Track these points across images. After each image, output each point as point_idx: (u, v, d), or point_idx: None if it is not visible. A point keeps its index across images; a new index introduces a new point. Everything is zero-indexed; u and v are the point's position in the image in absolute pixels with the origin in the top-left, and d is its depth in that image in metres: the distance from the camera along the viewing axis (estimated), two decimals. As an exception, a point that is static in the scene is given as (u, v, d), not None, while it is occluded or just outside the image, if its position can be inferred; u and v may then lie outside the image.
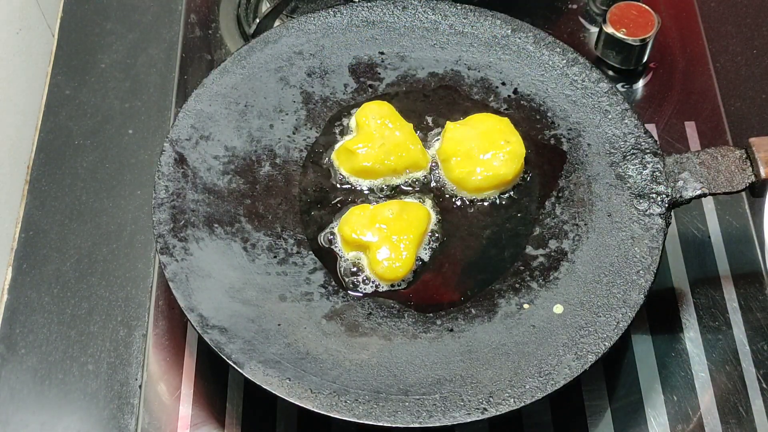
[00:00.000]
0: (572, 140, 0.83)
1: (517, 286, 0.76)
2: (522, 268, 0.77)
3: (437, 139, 0.84)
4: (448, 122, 0.84)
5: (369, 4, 0.88)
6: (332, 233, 0.79)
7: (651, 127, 0.91)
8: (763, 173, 0.75)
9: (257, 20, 0.95)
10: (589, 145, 0.82)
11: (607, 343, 0.70)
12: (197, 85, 0.83)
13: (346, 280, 0.77)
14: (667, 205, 0.76)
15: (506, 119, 0.83)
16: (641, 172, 0.78)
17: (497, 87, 0.86)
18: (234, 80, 0.84)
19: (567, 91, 0.84)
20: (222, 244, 0.77)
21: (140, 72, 0.99)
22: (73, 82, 0.98)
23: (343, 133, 0.85)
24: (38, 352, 0.82)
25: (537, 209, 0.81)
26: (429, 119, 0.86)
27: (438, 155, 0.83)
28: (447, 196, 0.82)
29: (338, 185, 0.82)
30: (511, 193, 0.82)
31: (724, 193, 0.76)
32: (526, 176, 0.83)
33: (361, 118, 0.83)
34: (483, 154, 0.81)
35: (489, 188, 0.81)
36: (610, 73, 0.95)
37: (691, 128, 0.92)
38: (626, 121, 0.81)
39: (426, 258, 0.78)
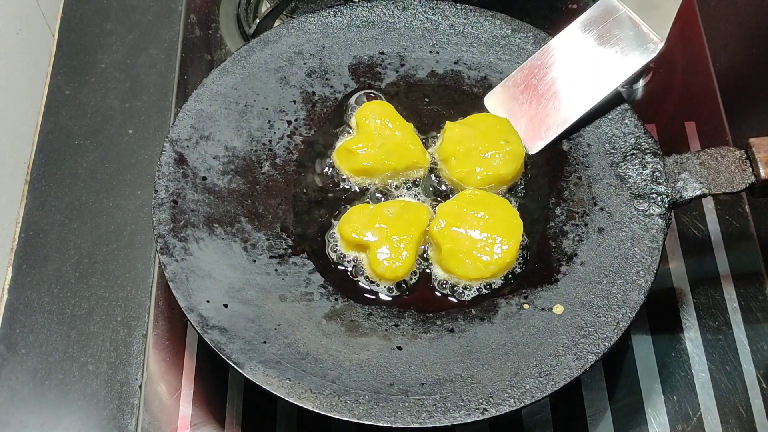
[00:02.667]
0: (572, 140, 0.83)
1: (517, 286, 0.76)
2: (522, 268, 0.77)
3: (437, 139, 0.84)
4: (447, 122, 0.84)
5: (369, 4, 0.88)
6: (332, 233, 0.79)
7: (651, 127, 0.91)
8: (763, 173, 0.75)
9: (257, 20, 0.95)
10: (589, 145, 0.82)
11: (607, 344, 0.70)
12: (197, 85, 0.83)
13: (346, 280, 0.77)
14: (667, 205, 0.76)
15: (506, 119, 0.83)
16: (641, 173, 0.78)
17: (497, 87, 0.86)
18: (234, 80, 0.84)
19: (567, 91, 0.84)
20: (222, 244, 0.77)
21: (140, 72, 0.99)
22: (73, 82, 0.98)
23: (343, 133, 0.85)
24: (38, 352, 0.82)
25: (537, 209, 0.81)
26: (429, 119, 0.86)
27: (438, 155, 0.83)
28: (447, 196, 0.82)
29: (338, 185, 0.82)
30: (511, 193, 0.82)
31: (724, 194, 0.76)
32: (525, 177, 0.82)
33: (361, 118, 0.83)
34: (482, 153, 0.81)
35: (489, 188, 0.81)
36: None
37: (691, 128, 0.92)
38: (626, 121, 0.81)
39: (426, 258, 0.78)
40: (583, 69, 0.82)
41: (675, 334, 0.80)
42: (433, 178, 0.83)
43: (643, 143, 0.80)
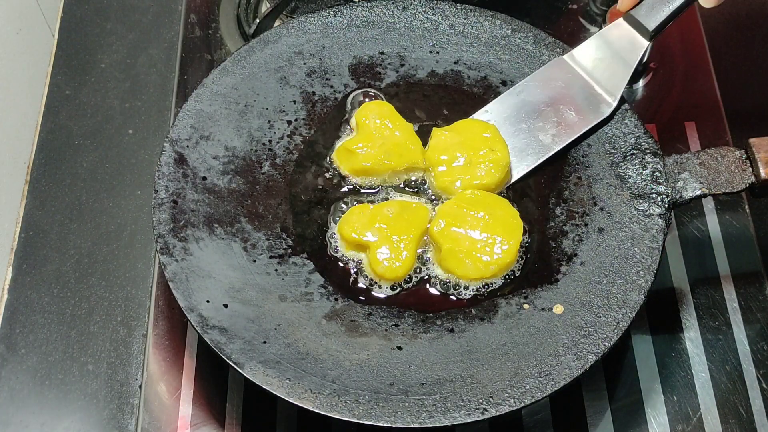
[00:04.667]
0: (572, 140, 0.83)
1: (517, 286, 0.76)
2: (522, 268, 0.77)
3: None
4: (434, 128, 0.83)
5: (369, 4, 0.88)
6: (332, 233, 0.79)
7: (651, 127, 0.91)
8: (763, 174, 0.75)
9: (257, 20, 0.95)
10: (589, 145, 0.82)
11: (607, 344, 0.70)
12: (197, 85, 0.83)
13: (346, 280, 0.77)
14: (667, 205, 0.76)
15: (494, 126, 0.83)
16: (641, 173, 0.78)
17: (497, 87, 0.86)
18: (234, 80, 0.84)
19: (567, 91, 0.84)
20: (222, 244, 0.77)
21: (140, 72, 0.99)
22: (73, 82, 0.98)
23: (343, 133, 0.85)
24: (38, 352, 0.82)
25: (537, 209, 0.81)
26: (429, 119, 0.86)
27: (426, 161, 0.83)
28: (446, 195, 0.82)
29: (338, 185, 0.82)
30: (511, 193, 0.82)
31: (724, 194, 0.76)
32: (525, 177, 0.83)
33: (361, 118, 0.83)
34: (466, 162, 0.80)
35: None
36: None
37: (691, 128, 0.92)
38: (626, 121, 0.81)
39: (426, 258, 0.78)
40: (535, 124, 0.83)
41: (675, 334, 0.80)
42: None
43: (643, 143, 0.80)
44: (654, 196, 0.77)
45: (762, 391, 0.78)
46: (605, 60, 0.81)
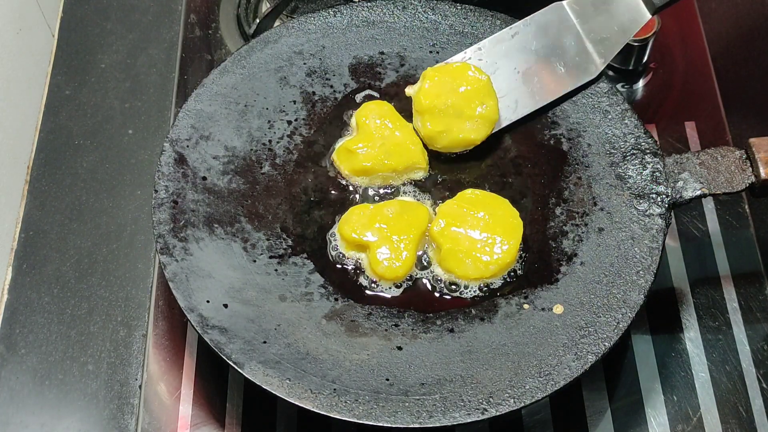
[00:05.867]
0: (572, 140, 0.83)
1: (517, 286, 0.76)
2: (522, 268, 0.77)
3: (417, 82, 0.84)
4: (428, 68, 0.83)
5: (369, 4, 0.88)
6: (332, 233, 0.79)
7: (651, 127, 0.91)
8: (763, 174, 0.75)
9: (257, 20, 0.95)
10: (589, 145, 0.82)
11: (607, 344, 0.70)
12: (197, 85, 0.83)
13: (346, 280, 0.77)
14: (667, 205, 0.76)
15: (488, 77, 0.83)
16: (641, 173, 0.78)
17: (497, 87, 0.86)
18: (234, 80, 0.84)
19: (567, 91, 0.84)
20: (222, 244, 0.77)
21: (140, 72, 0.99)
22: (73, 82, 0.99)
23: (343, 133, 0.85)
24: (38, 352, 0.82)
25: (537, 209, 0.81)
26: (429, 119, 0.86)
27: (414, 103, 0.83)
28: (447, 196, 0.82)
29: (338, 185, 0.82)
30: (511, 193, 0.82)
31: (724, 194, 0.76)
32: (525, 177, 0.83)
33: (361, 118, 0.83)
34: (456, 116, 0.81)
35: (456, 148, 0.83)
36: (610, 73, 0.95)
37: (691, 128, 0.92)
38: (626, 121, 0.81)
39: (426, 257, 0.78)
40: (525, 71, 0.83)
41: (675, 334, 0.80)
42: (433, 177, 0.83)
43: (643, 143, 0.80)
44: (654, 196, 0.77)
45: (762, 391, 0.78)
46: (604, 21, 0.81)
